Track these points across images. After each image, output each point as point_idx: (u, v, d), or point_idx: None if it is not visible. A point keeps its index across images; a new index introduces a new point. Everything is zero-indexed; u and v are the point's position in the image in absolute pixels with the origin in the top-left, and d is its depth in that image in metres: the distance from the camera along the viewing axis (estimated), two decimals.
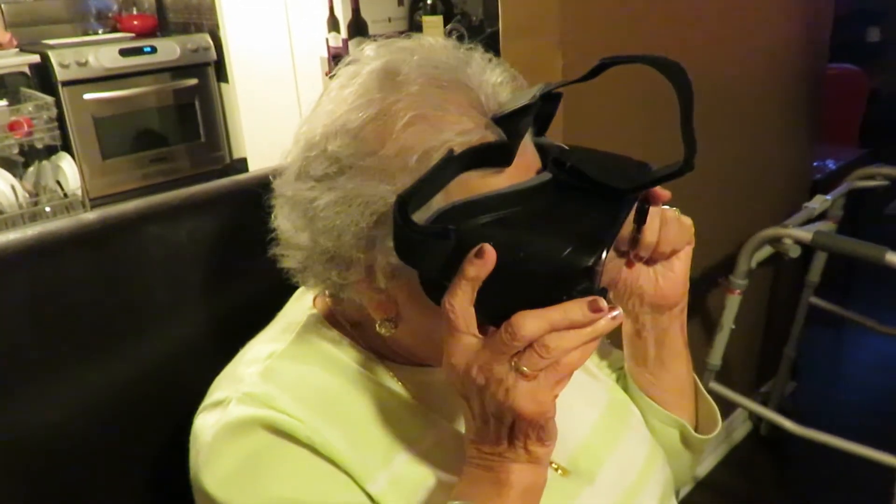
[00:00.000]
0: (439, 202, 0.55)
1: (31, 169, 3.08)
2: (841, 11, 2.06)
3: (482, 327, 0.54)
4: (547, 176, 0.57)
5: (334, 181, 0.57)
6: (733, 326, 1.63)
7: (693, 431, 0.79)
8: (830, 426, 1.57)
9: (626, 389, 0.81)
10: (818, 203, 1.65)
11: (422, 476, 0.63)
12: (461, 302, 0.53)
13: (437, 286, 0.55)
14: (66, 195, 3.01)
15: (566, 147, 0.61)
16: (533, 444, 0.56)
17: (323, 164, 0.58)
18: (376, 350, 0.68)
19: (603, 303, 0.51)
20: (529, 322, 0.51)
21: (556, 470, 0.69)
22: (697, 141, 0.54)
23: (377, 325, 0.62)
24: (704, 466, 2.00)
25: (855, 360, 2.54)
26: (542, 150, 0.61)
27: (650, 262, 0.70)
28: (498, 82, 0.60)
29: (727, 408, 2.02)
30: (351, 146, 0.57)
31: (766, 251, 1.60)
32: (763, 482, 2.01)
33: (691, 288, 0.74)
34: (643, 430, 0.78)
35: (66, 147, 3.14)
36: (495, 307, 0.53)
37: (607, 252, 0.52)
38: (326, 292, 0.66)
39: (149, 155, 3.40)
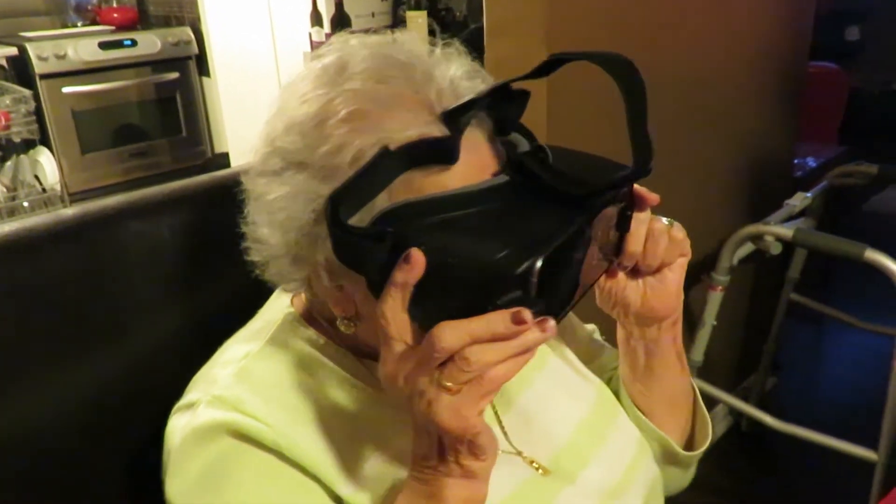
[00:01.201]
0: (383, 202, 0.53)
1: (8, 163, 3.04)
2: (821, 11, 2.08)
3: (422, 335, 0.50)
4: (503, 178, 0.55)
5: (282, 176, 0.57)
6: (715, 323, 1.64)
7: (677, 447, 0.76)
8: (811, 421, 1.59)
9: (617, 393, 0.79)
10: (799, 200, 1.66)
11: (395, 477, 0.62)
12: (391, 308, 0.50)
13: (376, 285, 0.52)
14: (44, 190, 2.98)
15: (542, 147, 0.59)
16: (465, 459, 0.53)
17: (275, 159, 0.58)
18: (353, 348, 0.66)
19: (528, 315, 0.47)
20: (449, 333, 0.48)
21: (538, 469, 0.68)
22: (676, 133, 0.52)
23: (338, 323, 0.61)
24: None
25: (835, 355, 2.56)
26: (512, 149, 0.59)
27: (637, 273, 0.66)
28: (458, 76, 0.58)
29: (708, 404, 2.03)
30: (296, 142, 0.56)
31: (748, 248, 1.61)
32: (743, 477, 2.03)
33: None
34: (631, 428, 0.76)
35: (45, 141, 3.10)
36: (430, 314, 0.50)
37: (542, 261, 0.48)
38: (301, 290, 0.65)
39: (129, 149, 3.36)
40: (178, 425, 0.63)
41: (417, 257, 0.49)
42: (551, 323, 0.48)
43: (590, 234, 0.56)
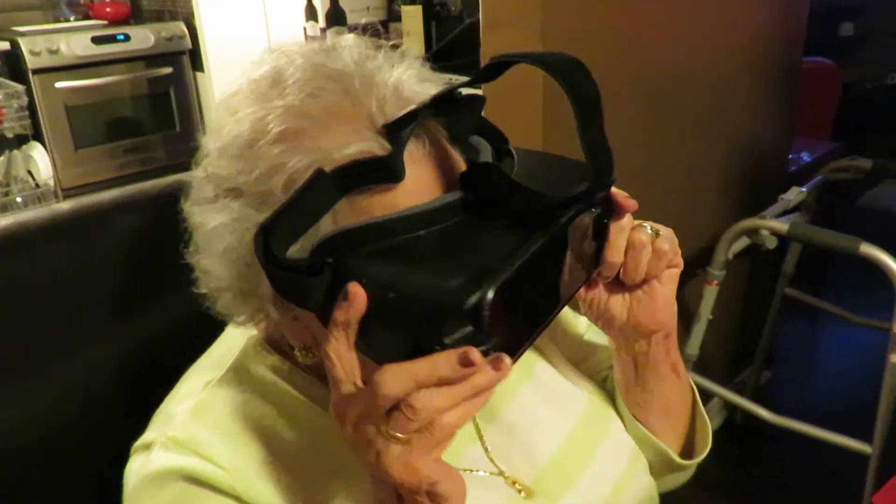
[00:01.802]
0: (327, 228, 0.48)
1: (1, 159, 3.02)
2: (815, 6, 2.08)
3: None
4: (455, 195, 0.49)
5: (217, 204, 0.52)
6: (710, 317, 1.65)
7: (675, 456, 0.72)
8: (805, 414, 1.60)
9: (612, 395, 0.75)
10: (794, 195, 1.66)
11: None
12: (334, 349, 0.45)
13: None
14: (37, 185, 2.96)
15: (509, 151, 0.54)
16: None
17: (208, 185, 0.53)
18: (320, 374, 0.61)
19: (476, 355, 0.41)
20: (390, 378, 0.42)
21: (520, 492, 0.65)
22: (672, 129, 0.50)
23: (296, 352, 0.58)
24: None
25: (829, 349, 2.57)
26: (474, 155, 0.54)
27: (620, 286, 0.60)
28: (404, 80, 0.54)
29: (703, 397, 2.04)
30: (228, 166, 0.52)
31: (743, 242, 1.61)
32: (738, 470, 2.04)
33: None
34: (623, 438, 0.73)
35: (38, 136, 3.08)
36: (377, 353, 0.45)
37: (493, 292, 0.42)
38: (250, 323, 0.59)
39: (123, 144, 3.34)
40: (133, 469, 0.61)
41: (356, 292, 0.44)
42: (507, 361, 0.43)
43: (559, 251, 0.51)
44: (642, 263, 0.58)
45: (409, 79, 0.54)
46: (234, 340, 0.66)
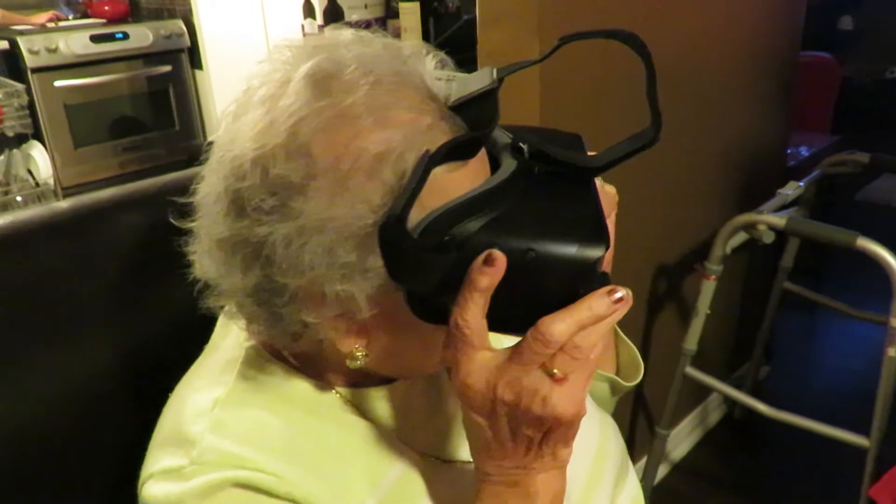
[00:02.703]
0: (417, 213, 0.48)
1: (1, 158, 3.03)
2: (813, 0, 2.08)
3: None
4: (511, 165, 0.52)
5: (288, 210, 0.49)
6: (708, 312, 1.65)
7: (622, 381, 0.77)
8: (804, 408, 1.60)
9: None
10: (791, 189, 1.66)
11: None
12: (474, 315, 0.49)
13: (425, 303, 0.51)
14: (37, 184, 2.97)
15: (505, 128, 0.57)
16: (561, 449, 0.53)
17: (265, 192, 0.49)
18: (325, 379, 0.62)
19: (621, 289, 0.50)
20: (558, 326, 0.48)
21: None
22: (669, 123, 0.53)
23: (347, 360, 0.56)
24: (680, 450, 2.03)
25: (828, 343, 2.58)
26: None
27: None
28: (433, 69, 0.55)
29: (702, 392, 2.05)
30: (303, 166, 0.48)
31: (741, 237, 1.61)
32: (737, 464, 2.05)
33: (666, 274, 0.73)
34: (590, 408, 0.74)
35: (37, 135, 3.09)
36: (502, 315, 0.50)
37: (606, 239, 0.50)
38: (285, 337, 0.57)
39: (122, 143, 3.35)
40: (162, 491, 0.55)
41: (500, 259, 0.48)
42: (627, 291, 0.50)
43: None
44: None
45: (437, 66, 0.56)
46: (228, 352, 0.63)
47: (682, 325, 1.76)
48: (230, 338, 0.64)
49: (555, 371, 0.49)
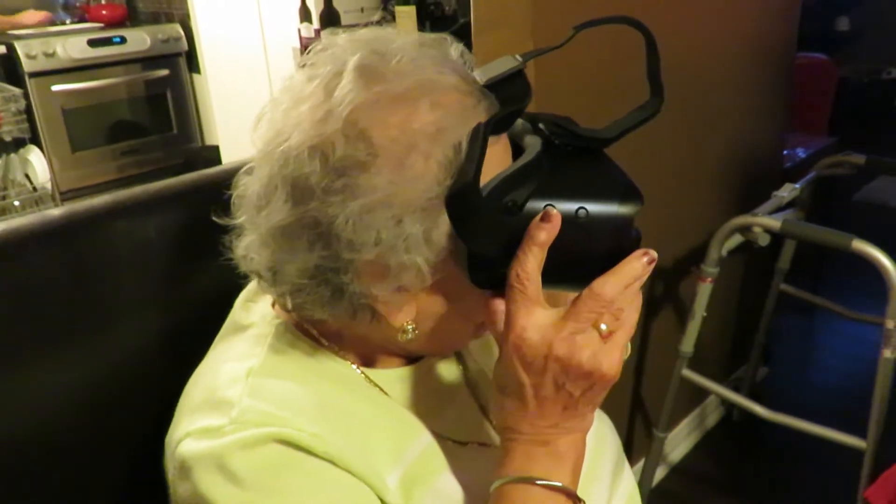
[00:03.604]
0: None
1: None
2: (810, 0, 2.08)
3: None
4: (537, 141, 0.57)
5: (354, 188, 0.52)
6: (705, 314, 1.65)
7: None
8: (801, 410, 1.60)
9: None
10: (787, 191, 1.67)
11: (424, 482, 0.62)
12: (532, 269, 0.53)
13: (483, 268, 0.55)
14: (35, 189, 2.97)
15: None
16: (590, 410, 0.58)
17: (332, 175, 0.52)
18: (347, 358, 0.66)
19: (653, 252, 0.55)
20: (609, 285, 0.53)
21: None
22: (666, 125, 0.56)
23: (398, 334, 0.59)
24: (678, 452, 2.03)
25: (825, 345, 2.58)
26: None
27: None
28: (457, 57, 0.60)
29: (700, 394, 2.05)
30: (364, 147, 0.52)
31: (737, 239, 1.61)
32: (735, 466, 2.04)
33: (663, 277, 0.75)
34: None
35: (35, 140, 3.09)
36: (557, 271, 0.54)
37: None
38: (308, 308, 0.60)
39: (120, 147, 3.36)
40: (203, 446, 0.57)
41: (556, 216, 0.53)
42: (653, 252, 0.55)
43: None
44: None
45: (458, 58, 0.60)
46: (259, 328, 0.66)
47: (678, 327, 1.76)
48: (254, 316, 0.67)
49: (603, 327, 0.54)
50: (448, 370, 0.73)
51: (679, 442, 2.03)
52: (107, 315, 0.74)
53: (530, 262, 0.53)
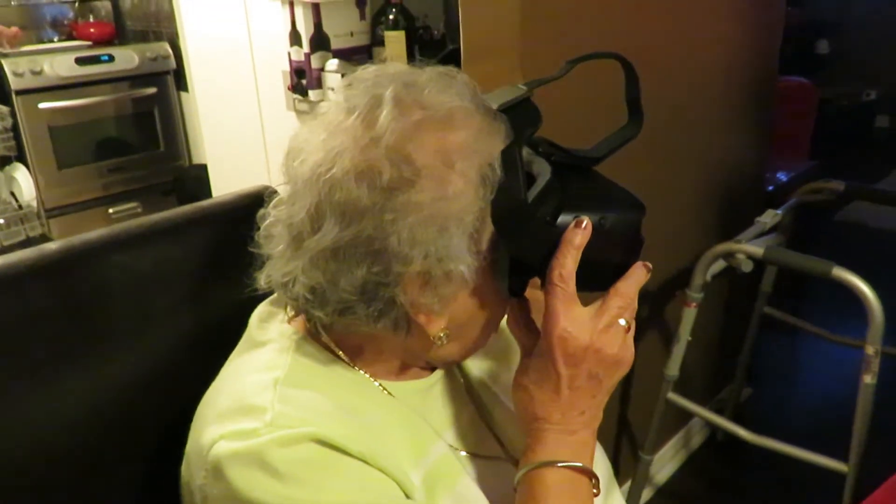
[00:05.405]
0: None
1: None
2: (790, 24, 2.11)
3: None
4: (543, 161, 0.64)
5: (403, 206, 0.58)
6: (690, 338, 1.67)
7: None
8: (785, 431, 1.62)
9: None
10: (769, 218, 1.70)
11: (445, 485, 0.66)
12: (570, 270, 0.61)
13: (520, 276, 0.64)
14: (20, 207, 2.95)
15: None
16: (606, 395, 0.66)
17: (381, 195, 0.58)
18: (366, 369, 0.70)
19: (647, 262, 0.65)
20: (629, 286, 0.64)
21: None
22: (649, 151, 0.63)
23: (434, 341, 0.64)
24: (664, 473, 2.04)
25: (808, 366, 2.61)
26: None
27: None
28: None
29: (685, 416, 2.07)
30: (409, 167, 0.58)
31: (721, 265, 1.64)
32: (720, 487, 2.06)
33: (649, 301, 0.82)
34: None
35: (21, 157, 3.08)
36: (586, 275, 0.62)
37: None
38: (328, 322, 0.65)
39: (106, 164, 3.34)
40: (240, 445, 0.59)
41: (588, 221, 0.61)
42: (648, 263, 0.66)
43: None
44: None
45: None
46: (276, 343, 0.69)
47: (664, 350, 1.78)
48: (271, 333, 0.71)
49: (622, 322, 0.64)
50: (454, 383, 0.77)
51: (665, 463, 2.05)
52: (102, 347, 0.75)
53: (569, 264, 0.60)
